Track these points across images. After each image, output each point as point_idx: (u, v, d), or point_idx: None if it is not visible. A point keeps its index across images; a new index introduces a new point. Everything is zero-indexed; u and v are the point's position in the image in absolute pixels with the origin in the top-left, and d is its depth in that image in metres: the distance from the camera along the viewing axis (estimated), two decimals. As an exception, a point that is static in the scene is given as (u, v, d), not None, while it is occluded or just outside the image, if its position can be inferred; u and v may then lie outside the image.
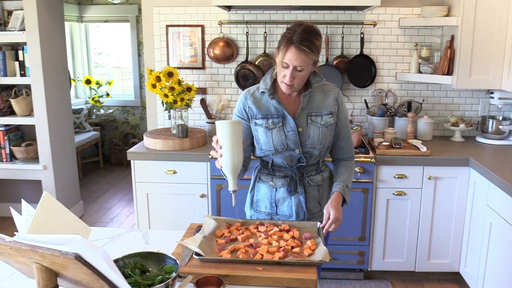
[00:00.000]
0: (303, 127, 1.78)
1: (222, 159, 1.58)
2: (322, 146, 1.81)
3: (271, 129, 1.78)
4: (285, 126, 1.77)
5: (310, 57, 1.65)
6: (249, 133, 1.85)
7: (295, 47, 1.63)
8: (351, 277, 3.07)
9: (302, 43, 1.62)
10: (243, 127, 1.83)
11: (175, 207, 2.98)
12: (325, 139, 1.80)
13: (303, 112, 1.79)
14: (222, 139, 1.56)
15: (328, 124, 1.80)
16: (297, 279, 1.35)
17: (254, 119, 1.81)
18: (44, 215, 1.31)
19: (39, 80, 3.61)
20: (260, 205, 1.92)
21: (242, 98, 1.84)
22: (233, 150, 1.56)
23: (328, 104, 1.81)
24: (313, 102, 1.80)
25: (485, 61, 2.89)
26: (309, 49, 1.63)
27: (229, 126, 1.54)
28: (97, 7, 5.90)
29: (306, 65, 1.66)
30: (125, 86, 6.48)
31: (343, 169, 1.88)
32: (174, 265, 1.27)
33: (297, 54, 1.63)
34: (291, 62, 1.65)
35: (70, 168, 4.11)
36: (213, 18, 3.28)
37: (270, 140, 1.78)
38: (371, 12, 3.20)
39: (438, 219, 2.91)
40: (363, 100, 3.32)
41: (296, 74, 1.67)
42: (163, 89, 3.05)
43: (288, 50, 1.64)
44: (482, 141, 3.18)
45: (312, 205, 1.87)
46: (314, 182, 1.86)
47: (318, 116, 1.79)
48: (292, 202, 1.85)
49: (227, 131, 1.54)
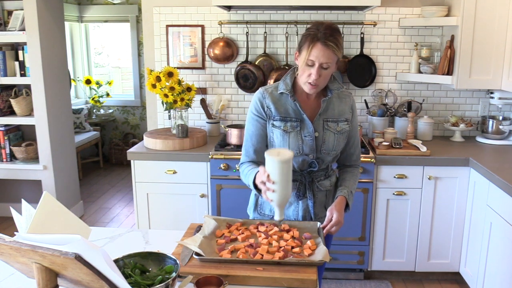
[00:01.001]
0: (319, 132, 1.76)
1: (274, 194, 1.47)
2: (335, 152, 1.80)
3: (289, 132, 1.74)
4: (302, 131, 1.75)
5: (336, 53, 1.63)
6: (265, 134, 1.80)
7: (321, 43, 1.60)
8: (351, 277, 3.07)
9: (327, 38, 1.60)
10: (262, 126, 1.77)
11: (175, 207, 2.98)
12: (339, 145, 1.80)
13: (320, 117, 1.77)
14: (276, 175, 1.44)
15: (344, 131, 1.79)
16: (297, 279, 1.35)
17: (272, 120, 1.76)
18: (44, 215, 1.31)
19: (39, 80, 3.61)
20: (264, 208, 1.88)
21: (260, 97, 1.78)
22: (288, 185, 1.47)
23: (344, 111, 1.80)
24: (329, 108, 1.78)
25: (485, 61, 2.89)
26: (335, 45, 1.61)
27: (285, 164, 1.43)
28: (97, 7, 5.89)
29: (332, 62, 1.64)
30: (125, 86, 6.48)
31: (349, 175, 1.87)
32: (174, 265, 1.27)
33: (323, 50, 1.61)
34: (318, 59, 1.62)
35: (70, 168, 4.11)
36: (213, 18, 3.28)
37: (286, 144, 1.74)
38: (371, 12, 3.20)
39: (438, 219, 2.91)
40: (363, 100, 3.32)
41: (321, 72, 1.64)
42: (163, 89, 3.05)
43: (314, 47, 1.61)
44: (482, 141, 3.18)
45: (319, 210, 1.85)
46: (323, 187, 1.84)
47: (334, 122, 1.78)
48: (299, 207, 1.83)
49: (282, 168, 1.43)
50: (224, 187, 2.88)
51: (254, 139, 1.79)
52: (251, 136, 1.80)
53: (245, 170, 1.78)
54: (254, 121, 1.79)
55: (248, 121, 1.81)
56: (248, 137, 1.81)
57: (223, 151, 2.87)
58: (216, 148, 2.91)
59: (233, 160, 2.82)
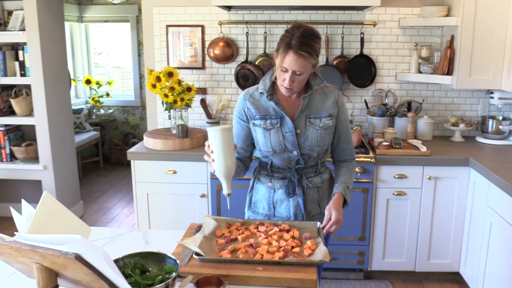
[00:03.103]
0: (301, 129, 1.77)
1: (214, 164, 1.61)
2: (320, 148, 1.80)
3: (269, 129, 1.78)
4: (283, 127, 1.77)
5: (309, 61, 1.64)
6: (249, 134, 1.85)
7: (293, 52, 1.61)
8: (351, 277, 3.07)
9: (300, 47, 1.60)
10: (243, 128, 1.84)
11: (175, 207, 2.98)
12: (323, 141, 1.80)
13: (302, 114, 1.78)
14: (214, 145, 1.58)
15: (327, 126, 1.79)
16: (297, 279, 1.35)
17: (252, 119, 1.81)
18: (44, 215, 1.31)
19: (39, 80, 3.61)
20: (258, 206, 1.91)
21: (242, 99, 1.84)
22: (225, 155, 1.59)
23: (328, 106, 1.80)
24: (312, 104, 1.79)
25: (485, 61, 2.89)
26: (308, 53, 1.62)
27: (219, 133, 1.56)
28: (97, 7, 5.90)
29: (305, 69, 1.66)
30: (125, 86, 6.48)
31: (344, 170, 1.87)
32: (174, 265, 1.27)
33: (295, 59, 1.62)
34: (290, 67, 1.64)
35: (70, 168, 4.11)
36: (213, 18, 3.29)
37: (268, 141, 1.78)
38: (371, 12, 3.20)
39: (438, 219, 2.91)
40: (363, 100, 3.32)
41: (295, 78, 1.67)
42: (163, 89, 3.05)
43: (286, 55, 1.63)
44: (482, 141, 3.18)
45: (312, 207, 1.86)
46: (313, 184, 1.85)
47: (317, 119, 1.78)
48: (290, 204, 1.84)
49: (218, 137, 1.57)
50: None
51: (236, 139, 1.87)
52: (235, 136, 1.87)
53: None
54: (236, 122, 1.87)
55: (233, 121, 1.91)
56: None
57: (223, 151, 2.87)
58: (216, 148, 2.91)
59: (233, 160, 2.82)
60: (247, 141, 1.86)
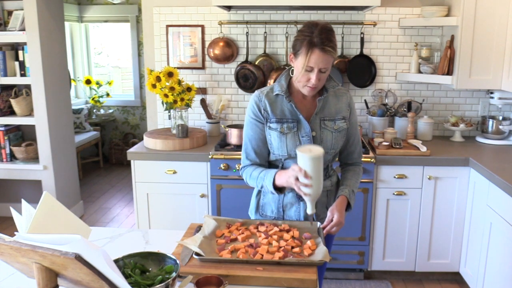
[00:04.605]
0: (316, 132, 1.75)
1: (309, 189, 1.55)
2: (334, 151, 1.79)
3: (285, 134, 1.73)
4: (299, 131, 1.74)
5: (333, 56, 1.63)
6: (264, 137, 1.79)
7: (319, 49, 1.58)
8: (351, 277, 3.07)
9: (325, 43, 1.59)
10: (262, 130, 1.78)
11: (175, 207, 2.98)
12: (337, 144, 1.79)
13: (317, 117, 1.76)
14: (310, 171, 1.53)
15: (341, 129, 1.78)
16: (297, 279, 1.35)
17: (268, 122, 1.76)
18: (44, 215, 1.31)
19: (39, 80, 3.61)
20: (266, 210, 1.87)
21: (256, 100, 1.77)
22: (321, 179, 1.57)
23: (341, 109, 1.79)
24: (326, 107, 1.77)
25: (485, 61, 2.89)
26: (332, 48, 1.61)
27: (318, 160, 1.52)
28: (97, 7, 5.89)
29: (329, 65, 1.64)
30: (125, 86, 6.48)
31: (350, 174, 1.86)
32: (174, 265, 1.27)
33: (322, 56, 1.59)
34: (317, 65, 1.61)
35: (70, 168, 4.11)
36: (213, 18, 3.28)
37: (284, 145, 1.74)
38: (371, 12, 3.20)
39: (438, 219, 2.91)
40: (363, 100, 3.32)
41: (321, 76, 1.64)
42: (163, 89, 3.05)
43: (312, 53, 1.59)
44: (482, 141, 3.18)
45: (321, 210, 1.84)
46: (324, 187, 1.82)
47: (331, 121, 1.77)
48: (300, 207, 1.81)
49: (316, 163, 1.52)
50: (224, 187, 2.88)
51: (254, 142, 1.79)
52: (250, 140, 1.80)
53: (253, 173, 1.78)
54: (253, 124, 1.78)
55: (247, 125, 1.81)
56: (248, 140, 1.81)
57: (223, 151, 2.87)
58: (216, 148, 2.92)
59: (233, 160, 2.82)
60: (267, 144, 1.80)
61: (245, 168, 1.82)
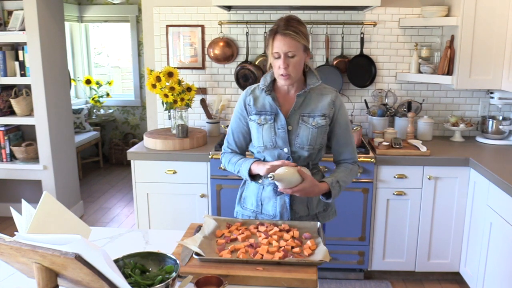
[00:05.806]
0: (293, 126, 1.79)
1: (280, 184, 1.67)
2: (311, 147, 1.79)
3: (262, 125, 1.81)
4: (276, 123, 1.79)
5: (297, 40, 1.68)
6: (246, 130, 1.90)
7: (280, 34, 1.69)
8: (351, 277, 3.07)
9: (286, 29, 1.68)
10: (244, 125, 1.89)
11: (175, 207, 2.98)
12: (315, 140, 1.79)
13: (296, 112, 1.79)
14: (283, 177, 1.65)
15: (319, 125, 1.78)
16: (297, 279, 1.35)
17: (249, 115, 1.85)
18: (44, 215, 1.31)
19: (39, 80, 3.61)
20: (247, 202, 1.94)
21: (244, 95, 1.88)
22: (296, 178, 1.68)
23: (323, 106, 1.80)
24: (308, 103, 1.80)
25: (485, 61, 2.89)
26: (294, 32, 1.68)
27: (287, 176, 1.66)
28: (97, 7, 5.89)
29: (296, 50, 1.69)
30: (125, 86, 6.48)
31: (341, 169, 1.85)
32: (174, 265, 1.27)
33: (283, 40, 1.68)
34: (280, 49, 1.68)
35: (70, 168, 4.11)
36: (213, 18, 3.29)
37: (261, 136, 1.81)
38: (371, 12, 3.20)
39: (438, 219, 2.91)
40: (363, 100, 3.32)
41: (289, 61, 1.70)
42: (163, 89, 3.05)
43: (275, 39, 1.70)
44: (482, 141, 3.18)
45: (299, 208, 1.84)
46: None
47: (310, 117, 1.79)
48: (277, 203, 1.84)
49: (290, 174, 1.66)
50: (224, 187, 2.88)
51: (235, 134, 1.92)
52: (233, 131, 1.92)
53: (232, 158, 1.89)
54: (237, 118, 1.90)
55: (233, 117, 1.93)
56: (231, 131, 1.93)
57: (223, 151, 2.87)
58: (216, 148, 2.91)
59: (233, 160, 2.82)
60: (248, 137, 1.91)
61: (225, 154, 1.95)
